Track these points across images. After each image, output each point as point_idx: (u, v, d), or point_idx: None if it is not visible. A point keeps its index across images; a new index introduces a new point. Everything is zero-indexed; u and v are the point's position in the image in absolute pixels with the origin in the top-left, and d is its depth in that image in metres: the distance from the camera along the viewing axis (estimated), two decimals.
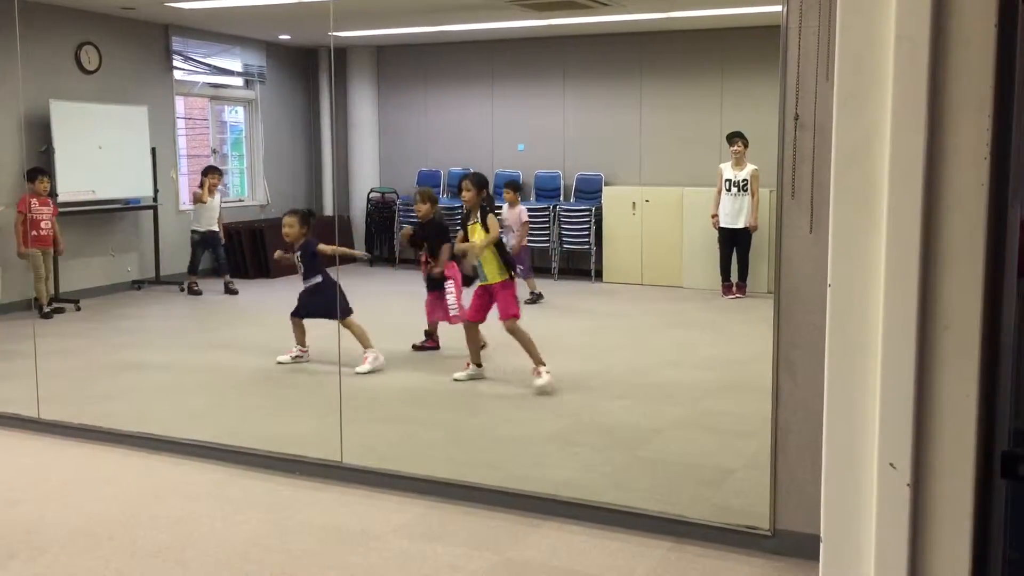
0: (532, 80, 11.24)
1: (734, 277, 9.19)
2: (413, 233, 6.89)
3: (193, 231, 9.70)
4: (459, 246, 6.17)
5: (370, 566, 3.51)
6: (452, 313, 6.58)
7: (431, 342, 6.89)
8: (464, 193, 6.03)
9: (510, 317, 5.85)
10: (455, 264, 6.64)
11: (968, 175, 1.37)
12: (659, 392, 5.98)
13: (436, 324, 6.86)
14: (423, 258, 6.78)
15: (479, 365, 6.06)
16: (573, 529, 3.82)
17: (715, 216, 9.18)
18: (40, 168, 8.46)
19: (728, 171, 9.07)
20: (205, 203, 9.57)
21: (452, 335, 6.60)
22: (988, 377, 1.45)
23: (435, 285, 6.72)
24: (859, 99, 1.36)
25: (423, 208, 6.76)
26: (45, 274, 8.37)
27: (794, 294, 3.49)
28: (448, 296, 6.59)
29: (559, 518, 3.90)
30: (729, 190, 9.04)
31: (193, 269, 9.63)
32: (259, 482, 4.38)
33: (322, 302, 6.33)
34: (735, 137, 9.02)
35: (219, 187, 9.79)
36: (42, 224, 8.35)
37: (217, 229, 9.70)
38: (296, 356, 6.60)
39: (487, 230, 5.95)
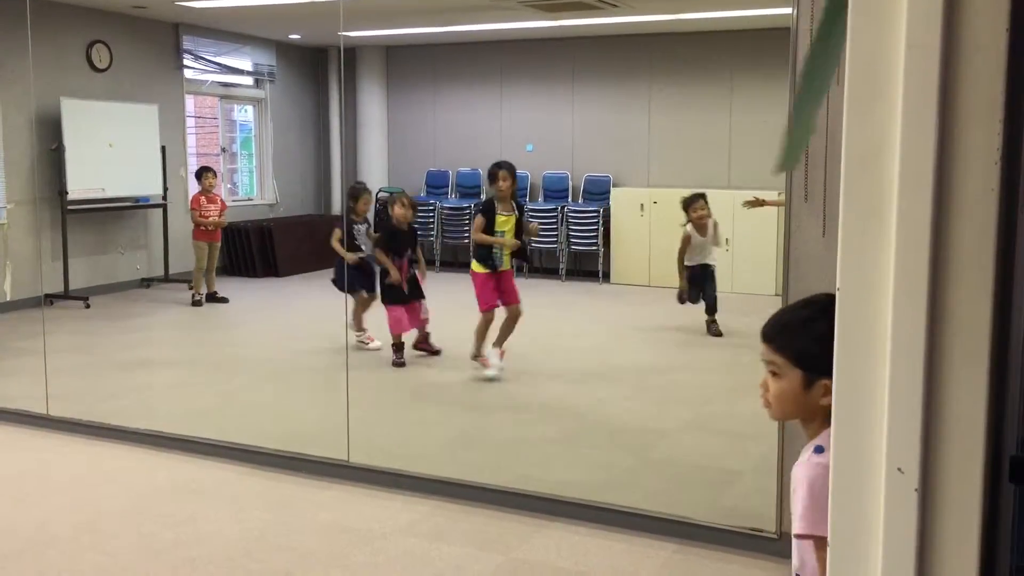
0: (541, 81, 11.24)
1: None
2: (389, 240, 6.54)
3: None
4: (533, 227, 6.48)
5: (375, 565, 3.52)
6: (425, 316, 6.58)
7: (402, 355, 6.48)
8: (501, 183, 6.11)
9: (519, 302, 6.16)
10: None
11: (978, 180, 1.37)
12: (666, 394, 5.98)
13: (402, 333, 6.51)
14: (403, 266, 6.46)
15: (480, 354, 6.14)
16: (579, 530, 3.82)
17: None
18: (207, 167, 9.17)
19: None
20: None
21: (456, 339, 6.61)
22: (997, 382, 1.44)
23: (403, 297, 6.44)
24: (869, 104, 1.36)
25: (409, 214, 6.61)
26: (209, 267, 8.96)
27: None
28: (424, 303, 6.58)
29: (565, 519, 3.90)
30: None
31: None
32: (266, 480, 4.39)
33: (370, 277, 6.73)
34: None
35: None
36: (209, 220, 8.96)
37: None
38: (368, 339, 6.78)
39: (523, 225, 6.20)
